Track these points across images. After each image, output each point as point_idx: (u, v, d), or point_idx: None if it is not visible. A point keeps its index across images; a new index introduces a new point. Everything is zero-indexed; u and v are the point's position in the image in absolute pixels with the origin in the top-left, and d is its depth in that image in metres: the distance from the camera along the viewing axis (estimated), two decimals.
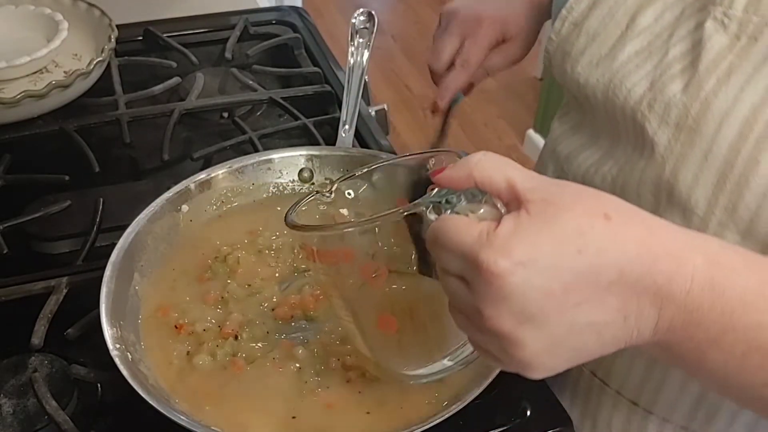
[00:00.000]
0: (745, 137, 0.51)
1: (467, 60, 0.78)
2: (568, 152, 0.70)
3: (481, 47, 0.78)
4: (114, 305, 0.66)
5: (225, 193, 0.81)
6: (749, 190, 0.52)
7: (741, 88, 0.52)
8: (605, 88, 0.60)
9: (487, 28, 0.77)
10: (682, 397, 0.64)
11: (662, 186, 0.57)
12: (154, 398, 0.59)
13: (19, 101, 0.93)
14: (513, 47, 0.80)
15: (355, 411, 0.63)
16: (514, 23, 0.79)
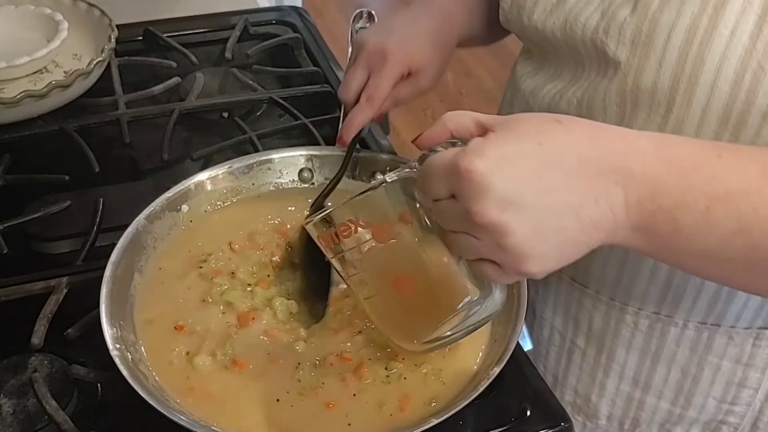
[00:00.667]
0: (690, 42, 0.62)
1: (372, 96, 0.79)
2: (532, 88, 0.78)
3: (386, 82, 0.78)
4: (114, 305, 0.66)
5: (225, 193, 0.81)
6: (699, 86, 0.62)
7: (681, 2, 0.62)
8: (563, 27, 0.69)
9: (393, 63, 0.78)
10: (651, 286, 0.74)
11: (627, 96, 0.66)
12: (154, 398, 0.59)
13: (19, 101, 0.93)
14: (420, 79, 0.81)
15: (355, 411, 0.63)
16: (419, 57, 0.80)
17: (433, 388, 0.64)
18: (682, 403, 0.81)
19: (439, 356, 0.67)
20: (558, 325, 0.85)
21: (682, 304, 0.74)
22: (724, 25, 0.60)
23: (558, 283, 0.82)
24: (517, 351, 0.70)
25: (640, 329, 0.78)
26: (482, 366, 0.66)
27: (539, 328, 0.87)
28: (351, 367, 0.65)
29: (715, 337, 0.75)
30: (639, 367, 0.81)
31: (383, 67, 0.78)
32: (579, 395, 0.88)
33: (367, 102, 0.79)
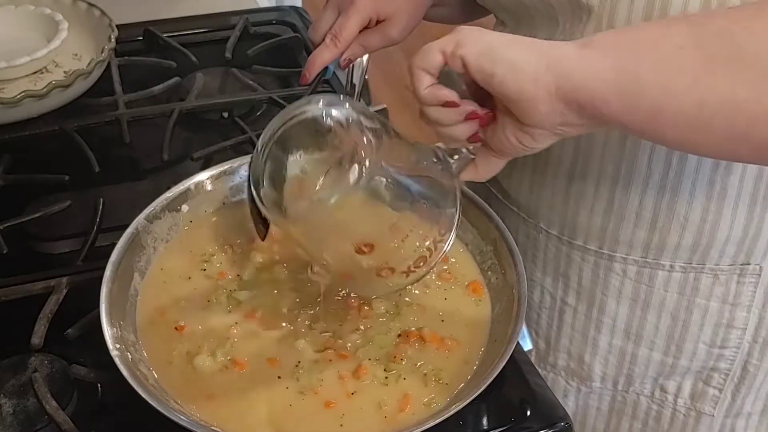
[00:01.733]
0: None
1: (336, 36, 0.79)
2: None
3: (352, 23, 0.79)
4: (114, 305, 0.66)
5: (225, 193, 0.81)
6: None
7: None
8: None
9: (360, 5, 0.78)
10: (637, 229, 0.76)
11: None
12: (154, 398, 0.59)
13: (19, 101, 0.93)
14: (390, 28, 0.81)
15: (354, 411, 0.63)
16: (389, 4, 0.80)
17: (433, 388, 0.64)
18: (673, 351, 0.83)
19: (439, 356, 0.67)
20: (548, 286, 0.87)
21: (667, 246, 0.76)
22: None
23: (546, 241, 0.84)
24: (517, 351, 0.70)
25: (628, 277, 0.80)
26: (482, 366, 0.66)
27: (530, 291, 0.88)
28: (350, 367, 0.65)
29: (701, 278, 0.78)
30: (630, 318, 0.83)
31: (350, 8, 0.78)
32: (572, 357, 0.89)
33: (332, 41, 0.79)
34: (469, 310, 0.72)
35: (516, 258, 0.71)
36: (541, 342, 0.91)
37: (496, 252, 0.74)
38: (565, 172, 0.77)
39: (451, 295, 0.73)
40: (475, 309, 0.72)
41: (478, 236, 0.77)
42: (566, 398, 0.92)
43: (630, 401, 0.90)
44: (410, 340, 0.68)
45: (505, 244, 0.73)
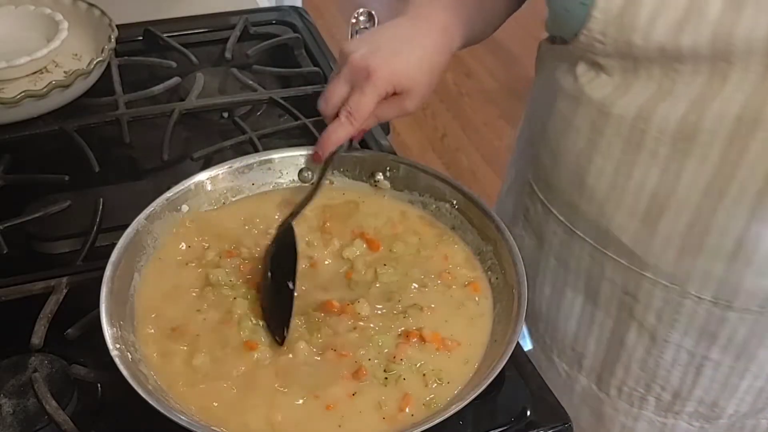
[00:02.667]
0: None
1: (352, 114, 0.75)
2: (636, 110, 0.72)
3: (368, 101, 0.74)
4: (114, 305, 0.66)
5: (225, 193, 0.81)
6: None
7: None
8: (710, 42, 0.64)
9: (376, 82, 0.73)
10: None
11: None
12: (154, 398, 0.59)
13: (19, 101, 0.93)
14: (406, 101, 0.76)
15: (354, 411, 0.63)
16: (405, 77, 0.75)
17: (433, 388, 0.64)
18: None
19: (440, 356, 0.67)
20: (688, 345, 0.81)
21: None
22: None
23: (696, 306, 0.78)
24: (517, 351, 0.70)
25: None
26: (482, 366, 0.66)
27: (660, 351, 0.83)
28: (350, 368, 0.65)
29: None
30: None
31: (366, 85, 0.74)
32: (704, 403, 0.86)
33: (347, 119, 0.75)
34: (469, 310, 0.72)
35: (516, 258, 0.71)
36: (667, 395, 0.86)
37: (496, 252, 0.74)
38: (734, 238, 0.72)
39: (452, 295, 0.73)
40: (475, 309, 0.72)
41: (478, 236, 0.77)
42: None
43: (749, 425, 0.89)
44: (410, 341, 0.68)
45: (505, 244, 0.73)
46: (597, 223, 0.80)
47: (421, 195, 0.81)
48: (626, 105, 0.72)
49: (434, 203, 0.81)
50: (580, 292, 0.87)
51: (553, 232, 0.87)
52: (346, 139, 0.77)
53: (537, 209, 0.89)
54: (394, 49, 0.75)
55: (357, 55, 0.74)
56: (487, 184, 2.57)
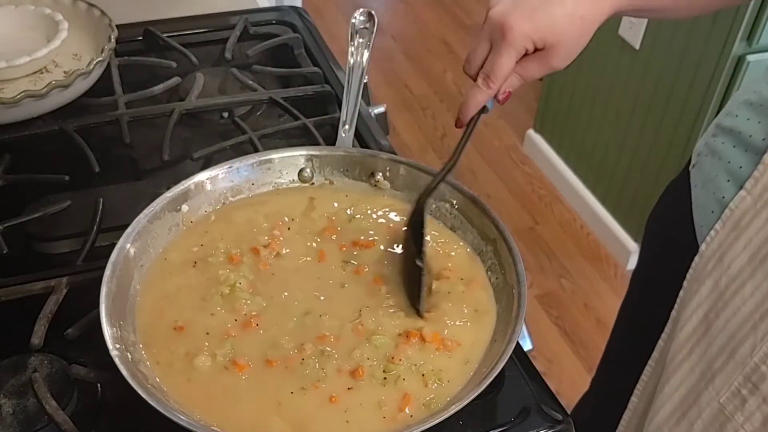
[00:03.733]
0: None
1: (488, 75, 0.72)
2: None
3: (505, 61, 0.71)
4: (114, 305, 0.66)
5: (225, 193, 0.81)
6: None
7: None
8: None
9: (512, 40, 0.69)
10: None
11: None
12: (154, 398, 0.59)
13: (19, 101, 0.93)
14: (551, 57, 0.72)
15: (354, 412, 0.63)
16: (548, 32, 0.70)
17: (433, 388, 0.64)
18: None
19: (440, 356, 0.67)
20: None
21: None
22: None
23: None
24: (517, 351, 0.70)
25: None
26: (482, 366, 0.66)
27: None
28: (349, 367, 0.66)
29: None
30: None
31: (502, 44, 0.70)
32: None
33: (484, 81, 0.72)
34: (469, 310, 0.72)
35: (516, 258, 0.71)
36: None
37: (496, 252, 0.74)
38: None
39: (451, 294, 0.73)
40: (475, 309, 0.72)
41: (478, 236, 0.77)
42: None
43: None
44: (410, 340, 0.68)
45: (505, 244, 0.73)
46: None
47: None
48: None
49: (434, 203, 0.81)
50: None
51: None
52: (484, 102, 0.75)
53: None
54: (537, 3, 0.70)
55: (495, 11, 0.71)
56: (487, 184, 2.57)
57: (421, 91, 2.99)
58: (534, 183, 2.60)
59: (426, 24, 3.40)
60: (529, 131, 2.70)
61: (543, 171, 2.63)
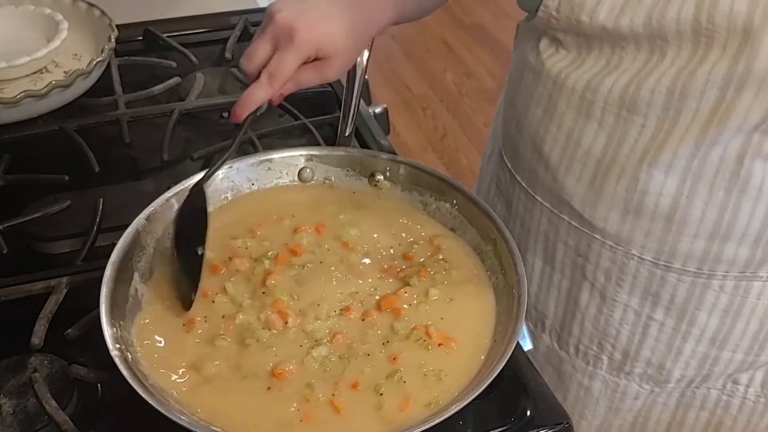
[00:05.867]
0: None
1: (273, 74, 0.74)
2: (585, 82, 0.76)
3: (290, 63, 0.73)
4: (114, 305, 0.66)
5: (225, 193, 0.81)
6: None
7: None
8: (645, 23, 0.70)
9: (299, 44, 0.73)
10: (740, 251, 0.78)
11: (733, 79, 0.67)
12: (154, 398, 0.59)
13: (19, 101, 0.93)
14: (326, 68, 0.76)
15: (354, 412, 0.63)
16: (329, 43, 0.74)
17: (433, 388, 0.64)
18: (755, 350, 0.85)
19: (440, 356, 0.67)
20: (634, 304, 0.86)
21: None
22: None
23: (638, 266, 0.82)
24: (517, 351, 0.70)
25: (725, 291, 0.81)
26: (482, 366, 0.66)
27: (610, 310, 0.88)
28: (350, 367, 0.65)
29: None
30: (719, 326, 0.83)
31: (288, 46, 0.73)
32: (652, 365, 0.89)
33: (268, 80, 0.74)
34: (469, 310, 0.72)
35: (516, 258, 0.71)
36: (618, 354, 0.90)
37: (496, 252, 0.74)
38: (670, 201, 0.77)
39: (451, 294, 0.73)
40: (475, 309, 0.72)
41: (478, 236, 0.77)
42: (636, 400, 0.93)
43: (700, 395, 0.91)
44: (411, 340, 0.68)
45: (505, 244, 0.73)
46: (552, 188, 0.85)
47: (421, 195, 0.81)
48: (578, 78, 0.77)
49: (434, 203, 0.81)
50: (540, 255, 0.91)
51: (518, 198, 0.92)
52: (265, 101, 0.76)
53: (506, 177, 0.93)
54: (321, 13, 0.74)
55: (282, 15, 0.73)
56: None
57: (421, 91, 2.99)
58: None
59: (426, 24, 3.40)
60: None
61: None
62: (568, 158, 0.81)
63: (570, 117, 0.79)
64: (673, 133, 0.72)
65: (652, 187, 0.76)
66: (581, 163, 0.80)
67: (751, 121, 0.69)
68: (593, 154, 0.78)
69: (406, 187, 0.82)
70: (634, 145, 0.75)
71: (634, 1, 0.70)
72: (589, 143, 0.78)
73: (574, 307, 0.91)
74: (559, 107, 0.80)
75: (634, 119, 0.74)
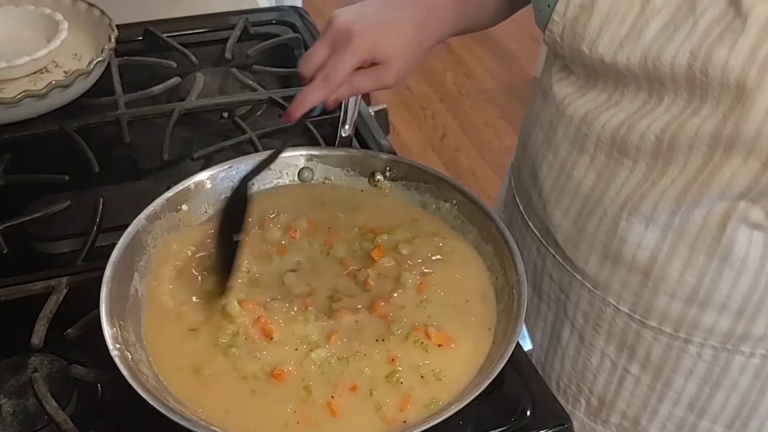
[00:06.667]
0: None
1: (328, 76, 0.73)
2: (583, 114, 0.74)
3: (345, 65, 0.73)
4: (114, 305, 0.66)
5: (225, 193, 0.81)
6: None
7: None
8: (641, 63, 0.66)
9: (355, 47, 0.73)
10: (720, 321, 0.74)
11: (722, 139, 0.63)
12: (154, 398, 0.59)
13: (19, 101, 0.93)
14: (384, 73, 0.76)
15: (354, 412, 0.63)
16: (386, 48, 0.74)
17: (433, 388, 0.64)
18: (737, 426, 0.81)
19: (440, 356, 0.67)
20: (610, 353, 0.83)
21: (752, 335, 0.74)
22: None
23: (614, 315, 0.80)
24: (517, 351, 0.70)
25: (703, 359, 0.77)
26: (482, 366, 0.66)
27: (588, 354, 0.85)
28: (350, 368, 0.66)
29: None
30: (697, 394, 0.80)
31: (345, 49, 0.73)
32: (627, 418, 0.86)
33: (322, 81, 0.74)
34: (469, 310, 0.72)
35: (516, 258, 0.71)
36: (594, 399, 0.87)
37: (496, 252, 0.74)
38: (648, 255, 0.73)
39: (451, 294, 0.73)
40: (475, 309, 0.72)
41: (478, 236, 0.77)
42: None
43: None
44: (410, 341, 0.68)
45: (505, 244, 0.73)
46: (542, 217, 0.83)
47: (421, 195, 0.81)
48: (578, 107, 0.74)
49: (434, 203, 0.81)
50: (530, 282, 0.89)
51: (515, 221, 0.91)
52: (318, 102, 0.75)
53: (510, 196, 0.92)
54: (379, 20, 0.75)
55: (340, 20, 0.74)
56: (487, 184, 2.57)
57: (421, 91, 2.99)
58: None
59: None
60: None
61: None
62: (558, 189, 0.79)
63: (566, 147, 0.77)
64: (658, 183, 0.69)
65: (631, 237, 0.73)
66: (570, 196, 0.78)
67: (737, 187, 0.65)
68: (582, 189, 0.76)
69: (406, 187, 0.82)
70: (620, 188, 0.72)
71: (633, 38, 0.67)
72: (580, 178, 0.76)
73: (556, 343, 0.89)
74: (558, 134, 0.77)
75: (624, 161, 0.71)
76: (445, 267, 0.75)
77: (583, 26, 0.70)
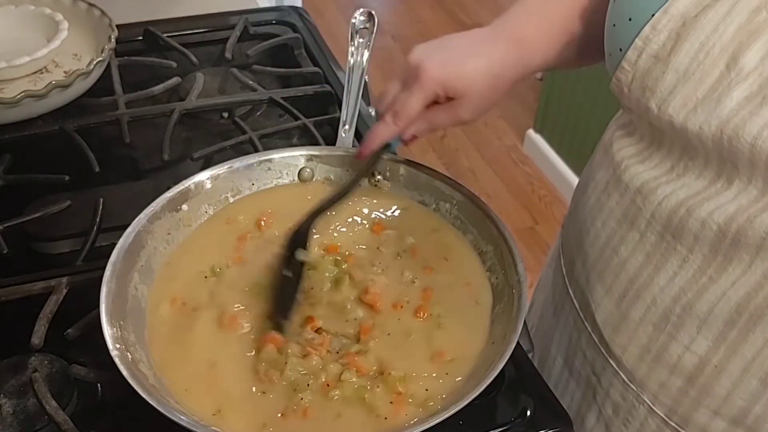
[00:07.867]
0: None
1: (398, 113, 0.72)
2: (640, 184, 0.66)
3: (414, 102, 0.71)
4: (114, 305, 0.66)
5: (225, 193, 0.81)
6: None
7: None
8: (715, 136, 0.57)
9: (423, 83, 0.70)
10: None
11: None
12: (154, 398, 0.59)
13: (19, 101, 0.93)
14: (459, 108, 0.72)
15: (352, 412, 0.63)
16: (458, 82, 0.71)
17: (433, 388, 0.64)
18: None
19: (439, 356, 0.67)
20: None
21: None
22: None
23: (647, 415, 0.72)
24: (517, 351, 0.70)
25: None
26: (482, 366, 0.66)
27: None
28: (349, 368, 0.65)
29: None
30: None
31: (414, 85, 0.71)
32: None
33: (392, 118, 0.73)
34: (469, 310, 0.72)
35: (516, 258, 0.71)
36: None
37: (496, 252, 0.74)
38: (696, 361, 0.64)
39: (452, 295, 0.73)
40: (475, 309, 0.72)
41: (478, 236, 0.77)
42: None
43: None
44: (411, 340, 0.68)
45: (505, 244, 0.73)
46: (583, 288, 0.76)
47: (421, 195, 0.81)
48: (635, 174, 0.67)
49: (434, 203, 0.81)
50: (562, 354, 0.83)
51: (557, 281, 0.85)
52: (388, 139, 0.75)
53: (557, 253, 0.87)
54: (455, 54, 0.72)
55: (413, 56, 0.72)
56: (487, 184, 2.57)
57: None
58: (534, 183, 2.60)
59: (426, 24, 3.40)
60: (529, 131, 2.70)
61: (543, 171, 2.63)
62: (603, 263, 0.71)
63: (616, 217, 0.69)
64: (717, 282, 0.60)
65: (680, 336, 0.65)
66: (614, 274, 0.70)
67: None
68: (627, 269, 0.68)
69: (406, 187, 0.82)
70: (672, 278, 0.64)
71: (710, 104, 0.57)
72: (626, 255, 0.68)
73: (580, 425, 0.81)
74: (611, 201, 0.70)
75: (677, 248, 0.63)
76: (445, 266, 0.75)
77: (655, 80, 0.60)
